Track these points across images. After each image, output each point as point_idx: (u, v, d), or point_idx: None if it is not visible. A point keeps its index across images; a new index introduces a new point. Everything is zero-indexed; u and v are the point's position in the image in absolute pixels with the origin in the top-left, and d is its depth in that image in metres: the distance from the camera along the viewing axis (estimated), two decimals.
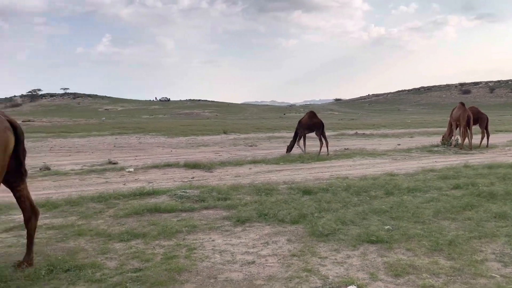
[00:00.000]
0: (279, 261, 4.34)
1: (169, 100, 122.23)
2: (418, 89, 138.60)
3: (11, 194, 4.72)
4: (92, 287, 3.68)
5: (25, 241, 5.08)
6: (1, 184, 3.99)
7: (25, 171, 4.12)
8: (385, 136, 23.97)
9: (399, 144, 18.02)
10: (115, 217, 6.18)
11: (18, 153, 3.96)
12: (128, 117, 56.43)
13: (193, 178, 9.93)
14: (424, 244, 4.72)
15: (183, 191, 7.69)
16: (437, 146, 16.25)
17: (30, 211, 4.22)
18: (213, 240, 5.04)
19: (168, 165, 11.97)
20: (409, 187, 7.70)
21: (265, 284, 3.77)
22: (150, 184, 8.81)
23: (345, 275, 3.94)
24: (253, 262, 4.30)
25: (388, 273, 4.00)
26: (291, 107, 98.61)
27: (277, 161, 12.67)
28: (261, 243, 4.90)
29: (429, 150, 15.48)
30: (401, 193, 7.22)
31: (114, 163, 12.74)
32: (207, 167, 11.52)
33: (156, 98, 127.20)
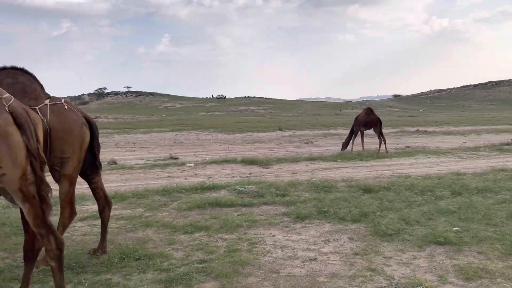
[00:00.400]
0: (341, 259, 4.28)
1: (225, 97, 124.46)
2: (486, 84, 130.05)
3: (85, 186, 5.08)
4: (161, 276, 3.85)
5: (98, 230, 5.43)
6: (78, 176, 4.28)
7: (100, 164, 4.40)
8: (449, 133, 22.78)
9: (465, 142, 17.07)
10: (178, 210, 6.42)
11: (93, 148, 4.24)
12: (186, 114, 58.19)
13: (250, 174, 10.05)
14: (497, 248, 4.44)
15: (242, 187, 7.82)
16: (508, 144, 15.19)
17: (104, 202, 4.51)
18: (273, 236, 5.09)
19: (226, 161, 12.23)
20: (478, 187, 7.28)
21: (328, 281, 3.75)
22: (210, 179, 9.04)
23: (411, 276, 3.81)
24: (315, 259, 4.28)
25: (458, 276, 3.81)
26: (347, 104, 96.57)
27: (334, 158, 12.49)
28: (322, 241, 4.87)
29: (498, 148, 14.52)
30: (470, 194, 6.84)
31: (175, 158, 13.22)
32: (264, 163, 11.62)
33: (212, 95, 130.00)
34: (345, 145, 14.27)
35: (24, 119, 2.92)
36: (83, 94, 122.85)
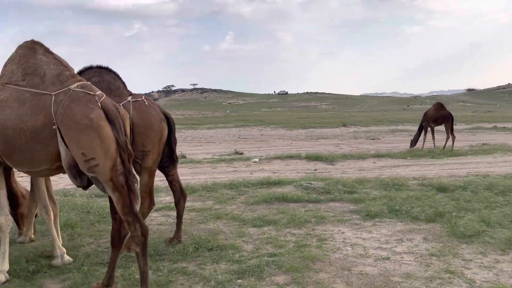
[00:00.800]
0: (416, 259, 4.13)
1: (286, 93, 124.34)
2: None
3: (158, 179, 5.34)
4: (233, 267, 3.96)
5: (172, 220, 5.71)
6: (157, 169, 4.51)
7: (176, 158, 4.62)
8: None
9: None
10: (246, 203, 6.55)
11: (171, 142, 4.46)
12: (249, 110, 58.95)
13: (315, 170, 9.99)
14: None
15: (308, 183, 7.79)
16: None
17: (179, 194, 4.72)
18: (342, 233, 5.02)
19: (290, 157, 12.24)
20: None
21: (403, 281, 3.63)
22: (275, 174, 9.11)
23: (495, 281, 3.58)
24: (388, 258, 4.17)
25: None
26: (416, 99, 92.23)
27: (403, 155, 12.03)
28: (395, 240, 4.72)
29: None
30: None
31: (240, 153, 13.47)
32: (329, 159, 11.47)
33: (274, 91, 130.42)
34: (413, 142, 13.67)
35: (114, 115, 3.15)
36: (152, 92, 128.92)
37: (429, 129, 13.74)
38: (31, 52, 3.51)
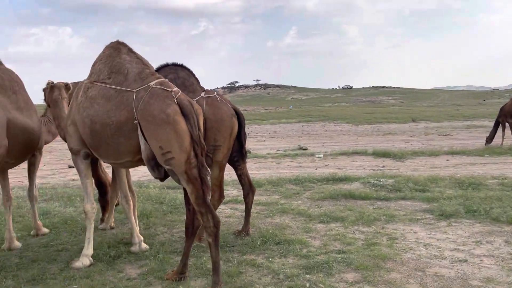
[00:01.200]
0: (497, 263, 3.86)
1: (351, 87, 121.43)
2: None
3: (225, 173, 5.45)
4: (301, 262, 3.96)
5: (239, 213, 5.84)
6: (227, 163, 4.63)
7: (246, 152, 4.71)
8: None
9: None
10: (312, 199, 6.51)
11: (241, 137, 4.55)
12: (312, 105, 58.35)
13: (383, 167, 9.68)
14: None
15: (376, 180, 7.57)
16: None
17: (248, 187, 4.81)
18: (415, 232, 4.82)
19: (356, 153, 11.97)
20: None
21: (482, 285, 3.42)
22: (341, 171, 8.96)
23: None
24: (465, 261, 3.94)
25: None
26: (493, 92, 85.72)
27: (480, 152, 11.26)
28: (473, 242, 4.44)
29: None
30: None
31: (304, 149, 13.42)
32: (398, 156, 11.06)
33: (338, 86, 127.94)
34: (489, 139, 12.76)
35: (188, 110, 3.28)
36: (217, 88, 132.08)
37: (507, 125, 12.74)
38: (116, 52, 3.79)
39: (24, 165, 4.87)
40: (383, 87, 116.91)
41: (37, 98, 5.03)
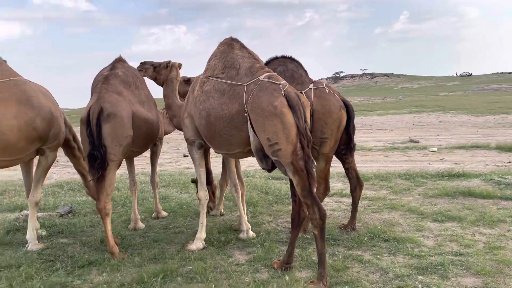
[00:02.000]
0: None
1: (471, 74, 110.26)
2: None
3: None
4: (412, 261, 3.74)
5: (344, 206, 5.73)
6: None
7: (354, 145, 4.58)
8: None
9: None
10: (424, 195, 6.10)
11: (349, 129, 4.43)
12: (425, 94, 54.35)
13: (509, 162, 8.64)
14: None
15: (500, 177, 6.83)
16: None
17: (355, 181, 4.69)
18: None
19: (476, 147, 10.92)
20: None
21: None
22: (459, 166, 8.22)
23: None
24: None
25: None
26: None
27: None
28: None
29: None
30: None
31: (415, 142, 12.62)
32: None
33: (456, 73, 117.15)
34: None
35: (295, 102, 3.30)
36: (321, 78, 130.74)
37: None
38: (229, 48, 3.98)
39: (147, 153, 5.38)
40: (509, 73, 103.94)
41: (156, 92, 5.42)
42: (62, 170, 9.90)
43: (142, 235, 4.79)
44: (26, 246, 4.34)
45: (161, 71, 5.10)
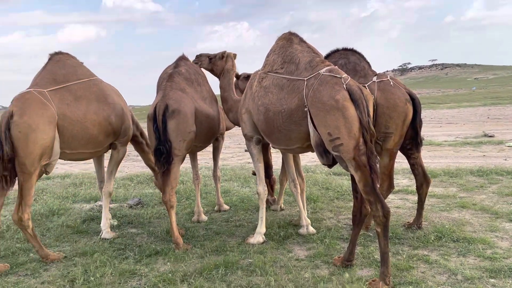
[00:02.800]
0: None
1: None
2: None
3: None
4: (484, 263, 3.50)
5: (409, 204, 5.50)
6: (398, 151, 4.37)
7: (421, 140, 4.35)
8: None
9: None
10: (499, 194, 5.69)
11: (416, 124, 4.22)
12: (502, 85, 50.34)
13: None
14: None
15: None
16: None
17: (422, 178, 4.46)
18: None
19: None
20: None
21: None
22: None
23: None
24: None
25: None
26: None
27: None
28: None
29: None
30: None
31: (490, 136, 11.78)
32: None
33: None
34: None
35: (358, 96, 3.21)
36: (387, 71, 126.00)
37: None
38: (288, 42, 3.96)
39: (209, 148, 5.53)
40: None
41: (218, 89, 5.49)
42: (132, 164, 10.48)
43: (204, 227, 4.94)
44: (100, 234, 4.66)
45: (216, 62, 5.16)
